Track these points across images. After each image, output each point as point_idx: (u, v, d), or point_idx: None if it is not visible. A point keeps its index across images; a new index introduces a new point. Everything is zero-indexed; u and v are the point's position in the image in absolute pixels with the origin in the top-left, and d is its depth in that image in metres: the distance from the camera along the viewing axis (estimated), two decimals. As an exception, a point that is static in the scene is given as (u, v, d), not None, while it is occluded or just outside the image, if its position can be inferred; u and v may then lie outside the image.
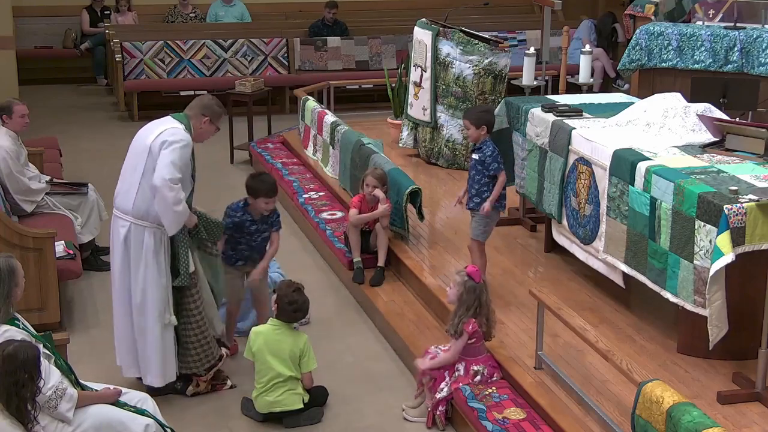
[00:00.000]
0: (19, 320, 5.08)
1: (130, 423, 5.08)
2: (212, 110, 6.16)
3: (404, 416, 6.03)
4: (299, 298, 6.00)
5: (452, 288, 5.98)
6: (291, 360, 5.90)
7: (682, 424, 4.49)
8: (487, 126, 6.77)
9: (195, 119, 6.10)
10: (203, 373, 6.21)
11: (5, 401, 4.64)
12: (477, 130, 6.74)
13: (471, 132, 6.79)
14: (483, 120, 6.76)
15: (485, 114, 6.88)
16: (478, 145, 6.78)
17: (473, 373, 5.89)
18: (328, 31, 14.34)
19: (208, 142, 6.41)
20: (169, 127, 5.96)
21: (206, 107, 6.15)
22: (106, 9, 15.06)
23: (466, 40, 9.55)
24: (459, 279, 5.93)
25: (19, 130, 8.22)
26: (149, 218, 5.92)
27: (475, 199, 6.80)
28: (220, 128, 6.32)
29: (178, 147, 5.86)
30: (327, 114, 10.27)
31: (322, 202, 9.23)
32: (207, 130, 6.18)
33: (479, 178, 6.76)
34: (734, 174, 5.94)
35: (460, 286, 5.90)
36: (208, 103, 6.18)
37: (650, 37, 9.68)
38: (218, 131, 6.31)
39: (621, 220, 6.30)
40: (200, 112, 6.11)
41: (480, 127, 6.74)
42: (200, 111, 6.12)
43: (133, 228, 5.95)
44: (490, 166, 6.70)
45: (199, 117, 6.10)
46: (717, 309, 5.45)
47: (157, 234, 5.95)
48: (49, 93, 14.43)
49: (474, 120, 6.76)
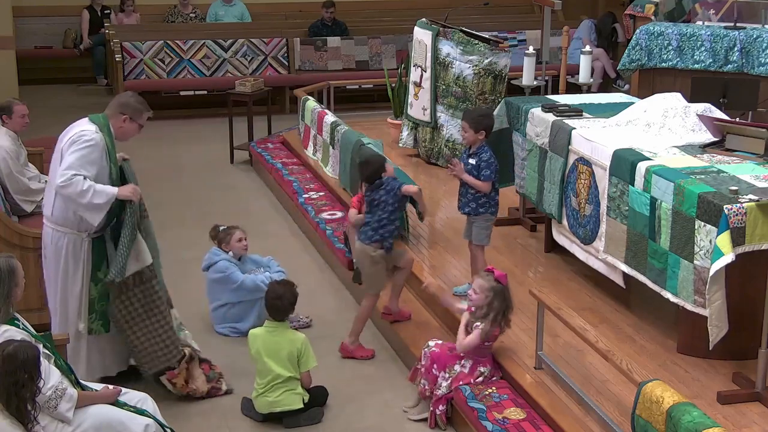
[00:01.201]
0: (18, 320, 5.08)
1: (129, 423, 5.08)
2: (131, 108, 6.00)
3: (408, 417, 6.03)
4: (283, 289, 6.03)
5: (477, 293, 5.88)
6: (289, 361, 5.90)
7: (682, 424, 4.49)
8: (485, 131, 6.65)
9: (114, 118, 5.96)
10: (175, 366, 6.11)
11: (5, 401, 4.64)
12: (475, 134, 6.62)
13: (468, 135, 6.66)
14: (482, 124, 6.63)
15: (485, 118, 6.74)
16: (475, 149, 6.65)
17: (478, 374, 5.89)
18: (328, 31, 14.34)
19: (208, 142, 6.41)
20: (79, 129, 5.85)
21: (124, 105, 6.00)
22: (107, 9, 15.06)
23: (466, 40, 9.55)
24: (486, 284, 5.85)
25: (19, 130, 8.22)
26: (67, 224, 5.90)
27: (471, 204, 6.71)
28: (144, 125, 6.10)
29: (80, 147, 5.75)
30: (327, 114, 10.27)
31: (322, 202, 9.23)
32: (128, 128, 6.01)
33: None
34: (734, 174, 5.94)
35: (489, 291, 5.84)
36: (126, 101, 6.04)
37: (650, 37, 9.68)
38: (142, 128, 6.10)
39: (621, 220, 6.30)
40: (118, 111, 5.98)
41: (478, 132, 6.62)
42: (118, 110, 5.98)
43: (53, 233, 5.94)
44: (482, 171, 6.55)
45: (117, 116, 5.97)
46: (717, 309, 5.45)
47: (77, 241, 5.91)
48: (49, 93, 14.42)
49: (473, 123, 6.63)
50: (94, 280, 5.99)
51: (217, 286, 7.09)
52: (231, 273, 7.02)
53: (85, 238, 5.94)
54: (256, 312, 6.97)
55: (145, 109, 6.09)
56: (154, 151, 11.84)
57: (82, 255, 5.94)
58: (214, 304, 7.13)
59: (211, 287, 7.14)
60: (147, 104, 6.15)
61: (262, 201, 10.17)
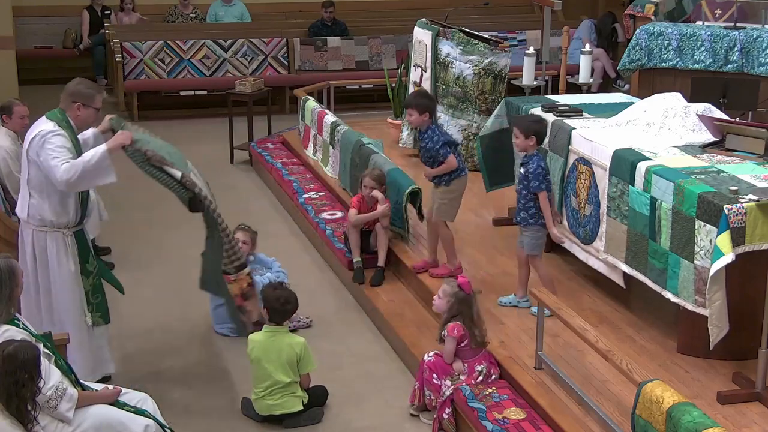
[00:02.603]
0: (19, 320, 5.08)
1: (129, 423, 5.08)
2: (81, 94, 5.97)
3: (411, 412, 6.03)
4: (284, 292, 6.03)
5: (441, 298, 5.96)
6: (289, 365, 5.89)
7: (682, 424, 4.49)
8: (536, 137, 6.52)
9: (68, 109, 5.96)
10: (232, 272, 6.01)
11: (5, 401, 4.64)
12: (525, 139, 6.50)
13: (519, 141, 6.55)
14: (532, 130, 6.51)
15: (535, 124, 6.63)
16: (526, 158, 6.54)
17: (477, 373, 5.89)
18: (328, 31, 14.34)
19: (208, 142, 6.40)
20: (38, 130, 5.87)
21: (74, 94, 5.98)
22: (107, 9, 15.06)
23: (466, 40, 9.55)
24: (449, 290, 5.92)
25: (19, 131, 8.22)
26: (46, 222, 5.90)
27: (521, 213, 6.58)
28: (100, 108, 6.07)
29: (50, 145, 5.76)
30: (327, 114, 10.27)
31: (322, 202, 9.23)
32: (86, 115, 6.00)
33: (525, 193, 6.54)
34: (734, 174, 5.94)
35: (450, 296, 5.90)
36: (74, 89, 6.01)
37: (650, 37, 9.68)
38: (99, 112, 6.07)
39: (621, 220, 6.30)
40: (70, 100, 5.97)
41: (529, 137, 6.49)
42: (70, 99, 5.97)
43: (35, 234, 5.93)
44: (531, 183, 6.47)
45: (70, 106, 5.96)
46: (717, 309, 5.45)
47: (59, 238, 5.92)
48: (49, 93, 14.36)
49: (524, 128, 6.52)
50: (84, 274, 6.00)
51: (217, 285, 7.08)
52: (230, 273, 7.01)
53: (67, 233, 5.95)
54: (255, 312, 6.97)
55: (96, 92, 6.05)
56: (154, 151, 11.85)
57: (69, 250, 5.94)
58: (214, 303, 7.12)
59: (211, 287, 7.14)
60: (97, 86, 6.13)
61: (262, 201, 10.17)
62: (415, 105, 6.93)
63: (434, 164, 6.98)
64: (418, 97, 7.18)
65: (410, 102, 7.05)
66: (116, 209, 9.10)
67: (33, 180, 5.90)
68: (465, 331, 5.85)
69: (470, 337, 5.88)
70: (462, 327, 5.85)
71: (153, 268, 8.28)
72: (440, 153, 6.90)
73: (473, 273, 7.33)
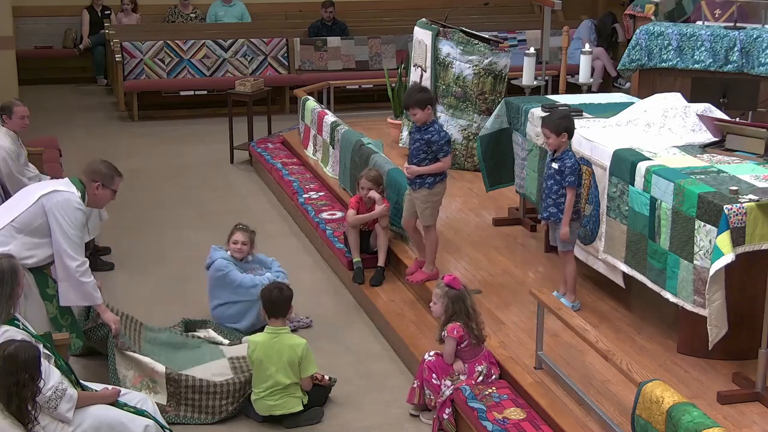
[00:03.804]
0: (19, 320, 5.08)
1: (129, 423, 5.08)
2: (101, 174, 6.00)
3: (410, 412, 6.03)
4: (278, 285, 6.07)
5: (436, 303, 5.97)
6: (290, 367, 5.89)
7: (682, 424, 4.49)
8: (567, 133, 6.46)
9: (87, 186, 6.00)
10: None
11: (6, 401, 4.65)
12: (558, 137, 6.44)
13: (551, 140, 6.47)
14: (562, 127, 6.46)
15: (564, 120, 6.56)
16: (559, 154, 6.48)
17: (477, 374, 5.89)
18: (328, 31, 14.34)
19: (208, 142, 6.41)
20: (66, 192, 5.86)
21: (94, 172, 6.01)
22: (107, 9, 15.06)
23: (466, 40, 9.55)
24: (440, 292, 5.93)
25: (19, 131, 8.22)
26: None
27: (551, 209, 6.53)
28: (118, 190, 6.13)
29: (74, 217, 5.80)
30: (327, 114, 10.27)
31: (322, 202, 9.23)
32: (102, 195, 6.04)
33: (557, 188, 6.47)
34: (734, 174, 5.94)
35: (443, 298, 5.91)
36: (95, 168, 6.04)
37: (650, 37, 9.68)
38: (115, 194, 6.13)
39: (621, 220, 6.30)
40: (90, 179, 6.00)
41: (560, 135, 6.44)
42: (90, 177, 6.00)
43: None
44: (567, 177, 6.41)
45: (90, 184, 6.00)
46: (717, 309, 5.45)
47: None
48: (49, 93, 14.43)
49: (553, 128, 6.46)
50: (47, 299, 5.91)
51: (217, 284, 7.08)
52: (228, 272, 7.00)
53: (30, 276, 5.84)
54: (254, 312, 6.96)
55: (116, 174, 6.10)
56: (154, 151, 11.86)
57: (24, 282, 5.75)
58: (213, 303, 7.12)
59: (211, 286, 7.13)
60: (117, 169, 6.15)
61: (262, 201, 10.16)
62: (415, 102, 6.75)
63: (425, 161, 6.81)
64: (414, 93, 6.93)
65: (409, 101, 6.83)
66: (116, 209, 9.09)
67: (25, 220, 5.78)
68: (465, 331, 5.85)
69: (469, 333, 5.88)
70: (462, 327, 5.85)
71: (153, 268, 8.28)
72: (443, 149, 6.79)
73: (473, 273, 7.33)
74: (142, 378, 5.97)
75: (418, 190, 6.88)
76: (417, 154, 6.84)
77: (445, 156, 6.82)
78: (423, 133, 6.79)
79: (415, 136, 6.85)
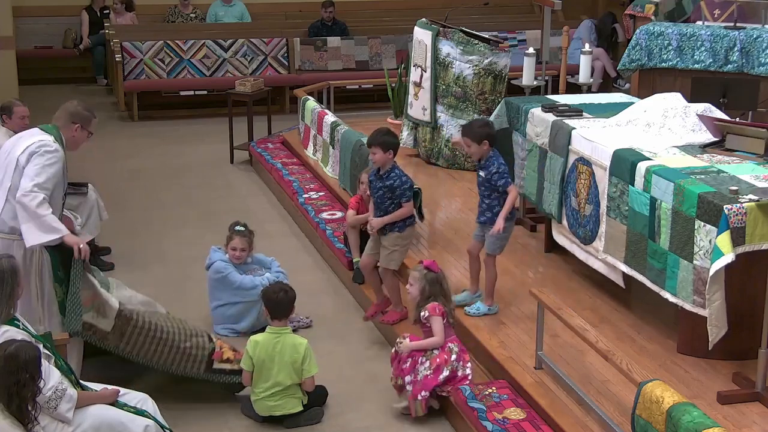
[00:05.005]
0: (19, 320, 5.08)
1: (129, 423, 5.09)
2: (81, 116, 6.01)
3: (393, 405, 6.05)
4: (283, 287, 6.06)
5: (413, 285, 6.04)
6: (292, 367, 5.89)
7: (682, 424, 4.49)
8: (488, 140, 6.52)
9: (65, 128, 5.97)
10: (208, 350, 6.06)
11: (6, 401, 4.65)
12: (479, 146, 6.51)
13: (473, 149, 6.55)
14: (482, 135, 6.53)
15: (483, 128, 6.63)
16: (484, 162, 6.54)
17: (448, 350, 5.92)
18: (328, 31, 14.34)
19: (208, 141, 6.42)
20: (38, 139, 5.84)
21: (75, 114, 6.00)
22: (106, 9, 15.06)
23: (466, 40, 9.55)
24: (418, 275, 6.02)
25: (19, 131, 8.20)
26: (17, 232, 5.79)
27: (486, 213, 6.60)
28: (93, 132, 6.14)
29: (44, 160, 5.74)
30: (327, 114, 10.28)
31: (322, 202, 9.23)
32: (79, 137, 6.04)
33: (488, 194, 6.56)
34: (734, 174, 5.94)
35: (421, 280, 5.99)
36: (75, 110, 6.03)
37: (650, 37, 9.68)
38: (91, 136, 6.12)
39: (621, 220, 6.30)
40: (69, 120, 5.98)
41: (482, 143, 6.50)
42: (69, 119, 5.98)
43: (2, 243, 5.81)
44: (497, 183, 6.47)
45: (69, 125, 5.98)
46: (716, 309, 5.45)
47: (27, 250, 5.81)
48: (49, 93, 14.42)
49: (473, 136, 6.52)
50: (57, 281, 5.89)
51: (217, 286, 7.08)
52: (228, 274, 7.01)
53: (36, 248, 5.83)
54: (254, 313, 6.97)
55: (93, 116, 6.11)
56: (154, 151, 11.85)
57: (36, 259, 5.85)
58: (213, 304, 7.13)
59: (211, 287, 7.14)
60: (93, 110, 6.16)
61: (262, 201, 10.17)
62: (380, 143, 6.58)
63: (391, 206, 6.58)
64: (382, 135, 6.73)
65: (375, 141, 6.64)
66: (116, 209, 9.11)
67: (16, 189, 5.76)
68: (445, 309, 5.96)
69: (447, 313, 5.97)
70: (441, 305, 5.94)
71: (153, 268, 8.28)
72: (405, 194, 6.57)
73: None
74: (94, 299, 5.82)
75: (389, 234, 6.66)
76: (382, 201, 6.62)
77: (408, 201, 6.59)
78: (384, 180, 6.59)
79: (376, 185, 6.62)
